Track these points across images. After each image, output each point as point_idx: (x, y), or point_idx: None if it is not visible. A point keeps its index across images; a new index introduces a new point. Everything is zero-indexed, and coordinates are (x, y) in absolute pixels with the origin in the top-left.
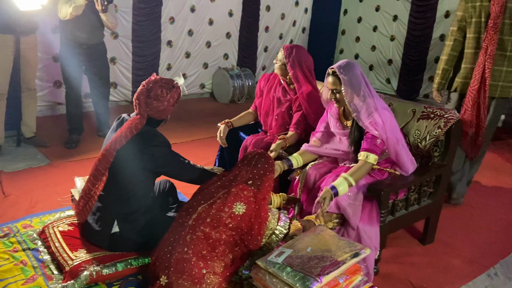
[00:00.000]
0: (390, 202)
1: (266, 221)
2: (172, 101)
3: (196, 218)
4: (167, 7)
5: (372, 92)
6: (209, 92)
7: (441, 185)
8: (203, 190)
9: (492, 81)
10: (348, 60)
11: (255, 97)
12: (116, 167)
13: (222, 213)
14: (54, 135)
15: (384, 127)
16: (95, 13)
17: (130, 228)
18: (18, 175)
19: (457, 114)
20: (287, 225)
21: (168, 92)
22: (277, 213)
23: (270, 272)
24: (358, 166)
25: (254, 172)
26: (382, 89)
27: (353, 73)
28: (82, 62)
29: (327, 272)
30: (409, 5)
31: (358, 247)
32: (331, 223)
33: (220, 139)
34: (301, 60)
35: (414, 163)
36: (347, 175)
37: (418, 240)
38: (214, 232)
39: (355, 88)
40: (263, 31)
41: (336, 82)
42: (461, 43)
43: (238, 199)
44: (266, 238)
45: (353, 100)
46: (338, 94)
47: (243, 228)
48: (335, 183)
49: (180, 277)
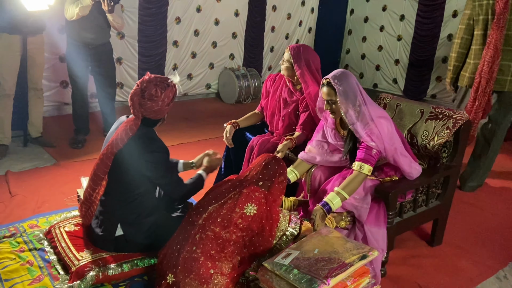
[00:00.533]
0: (398, 203)
1: (277, 222)
2: (167, 100)
3: (207, 217)
4: (173, 7)
5: (367, 101)
6: (215, 93)
7: (450, 187)
8: (215, 190)
9: (500, 76)
10: (342, 69)
11: (261, 98)
12: (115, 171)
13: (233, 214)
14: (60, 135)
15: (381, 136)
16: (101, 14)
17: (134, 232)
18: (25, 175)
19: (465, 115)
20: (298, 227)
21: (163, 91)
22: (288, 214)
23: (277, 274)
24: (351, 178)
25: (264, 173)
26: (389, 89)
27: (348, 83)
28: (88, 62)
29: (335, 275)
30: (416, 4)
31: (366, 249)
32: (343, 222)
33: (226, 139)
34: (309, 60)
35: (417, 168)
36: (339, 189)
37: (426, 242)
38: (224, 232)
39: (350, 98)
40: (269, 31)
41: (331, 93)
42: (469, 41)
43: (250, 200)
44: (277, 239)
45: (349, 111)
46: (333, 105)
47: (253, 229)
48: (327, 199)
49: (187, 276)
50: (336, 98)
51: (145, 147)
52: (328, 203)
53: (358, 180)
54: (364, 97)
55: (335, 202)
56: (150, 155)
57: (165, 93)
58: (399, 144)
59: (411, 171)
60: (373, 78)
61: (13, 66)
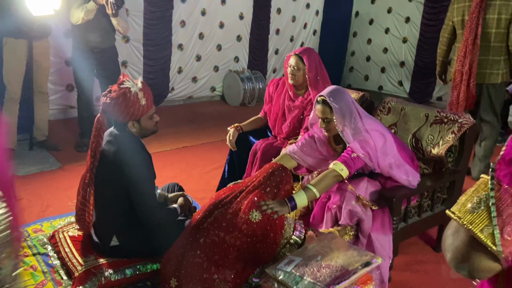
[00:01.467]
0: (403, 208)
1: (282, 229)
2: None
3: (212, 222)
4: (178, 11)
5: (362, 115)
6: (219, 95)
7: (455, 191)
8: (220, 195)
9: (480, 69)
10: (336, 86)
11: (264, 103)
12: (97, 185)
13: (238, 219)
14: (66, 138)
15: (375, 149)
16: (106, 17)
17: (129, 242)
18: (30, 178)
19: (471, 119)
20: (303, 235)
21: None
22: (293, 222)
23: (279, 280)
24: (324, 174)
25: (271, 179)
26: (394, 91)
27: (343, 101)
28: (93, 66)
29: (338, 282)
30: (422, 6)
31: (369, 256)
32: (347, 236)
33: (229, 142)
34: (319, 62)
35: (413, 180)
36: (310, 184)
37: (432, 248)
38: (229, 238)
39: (346, 116)
40: (274, 34)
41: (326, 111)
42: (450, 40)
43: (255, 207)
44: (281, 247)
45: (345, 129)
46: (328, 123)
47: (258, 235)
48: (295, 194)
49: (190, 280)
50: (331, 116)
51: (125, 157)
52: (295, 198)
53: (330, 176)
54: (359, 112)
55: (301, 199)
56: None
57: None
58: (395, 157)
59: (408, 181)
60: (379, 80)
61: (18, 70)
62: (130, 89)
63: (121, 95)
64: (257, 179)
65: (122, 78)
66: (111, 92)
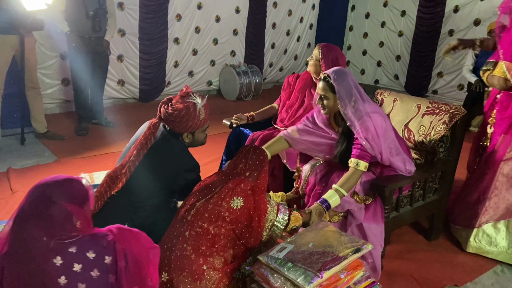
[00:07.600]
0: (394, 198)
1: (265, 213)
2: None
3: (195, 214)
4: (173, 4)
5: (364, 97)
6: (216, 89)
7: (447, 181)
8: (201, 186)
9: None
10: (341, 67)
11: (282, 90)
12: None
13: (220, 208)
14: (63, 132)
15: (377, 135)
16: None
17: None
18: (26, 171)
19: (462, 109)
20: (287, 216)
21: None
22: (275, 204)
23: (272, 267)
24: (348, 175)
25: (250, 163)
26: (390, 85)
27: (346, 81)
28: (89, 54)
29: (328, 267)
30: (417, 0)
31: (360, 243)
32: (336, 216)
33: (235, 117)
34: (337, 58)
35: (410, 168)
36: (337, 186)
37: (424, 236)
38: (213, 227)
39: (348, 96)
40: (270, 28)
41: (326, 88)
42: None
43: (235, 194)
44: (267, 231)
45: (347, 108)
46: (325, 101)
47: (242, 221)
48: (326, 196)
49: (180, 273)
50: (329, 94)
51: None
52: (327, 200)
53: (355, 177)
54: (361, 95)
55: (334, 199)
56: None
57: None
58: (393, 142)
59: (406, 170)
60: (375, 74)
61: (2, 66)
62: (195, 104)
63: (185, 109)
64: (236, 165)
65: (185, 90)
66: (171, 101)
